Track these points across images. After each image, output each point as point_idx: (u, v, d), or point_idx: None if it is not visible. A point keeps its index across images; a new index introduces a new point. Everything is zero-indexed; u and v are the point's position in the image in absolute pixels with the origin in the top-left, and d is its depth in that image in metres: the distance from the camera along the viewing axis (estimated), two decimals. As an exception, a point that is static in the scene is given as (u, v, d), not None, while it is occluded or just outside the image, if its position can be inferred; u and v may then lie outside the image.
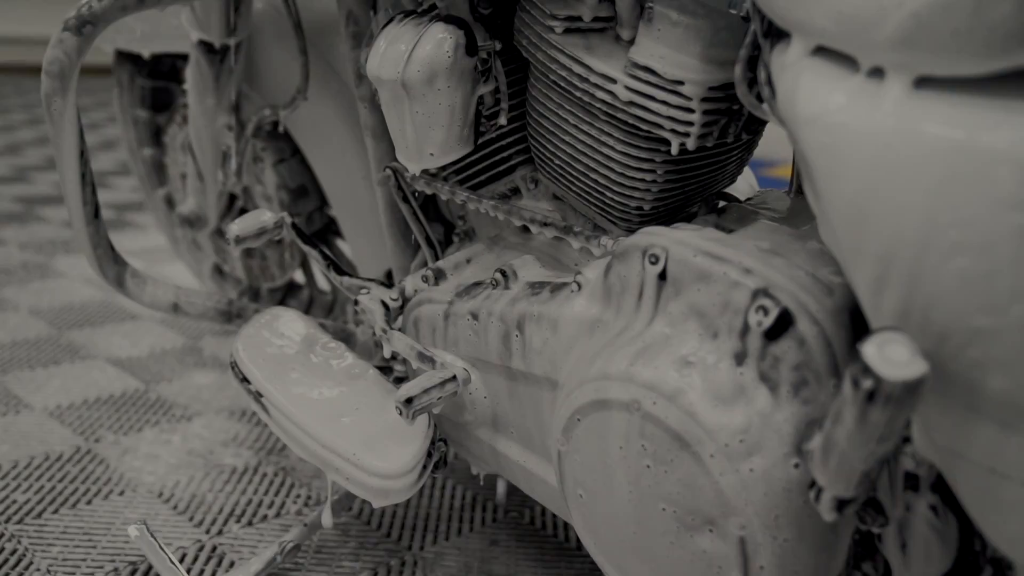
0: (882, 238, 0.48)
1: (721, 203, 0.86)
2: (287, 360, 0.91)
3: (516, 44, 0.82)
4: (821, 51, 0.53)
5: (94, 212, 0.99)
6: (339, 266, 0.95)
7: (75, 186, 0.96)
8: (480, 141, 0.86)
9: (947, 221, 0.46)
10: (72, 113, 0.92)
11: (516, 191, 0.92)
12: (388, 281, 1.21)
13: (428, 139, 0.81)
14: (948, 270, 0.46)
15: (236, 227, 0.93)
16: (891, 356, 0.46)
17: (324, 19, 1.20)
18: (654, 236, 0.66)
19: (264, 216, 0.95)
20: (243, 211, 1.45)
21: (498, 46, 0.83)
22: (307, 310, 1.49)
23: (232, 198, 1.41)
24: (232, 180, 1.30)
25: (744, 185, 0.99)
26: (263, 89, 1.24)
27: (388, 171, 0.95)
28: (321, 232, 1.42)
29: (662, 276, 0.64)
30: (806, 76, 0.53)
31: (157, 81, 1.50)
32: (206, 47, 1.16)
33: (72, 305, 1.76)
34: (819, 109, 0.51)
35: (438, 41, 0.77)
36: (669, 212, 0.82)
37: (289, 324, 0.95)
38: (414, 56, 0.77)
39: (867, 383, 0.46)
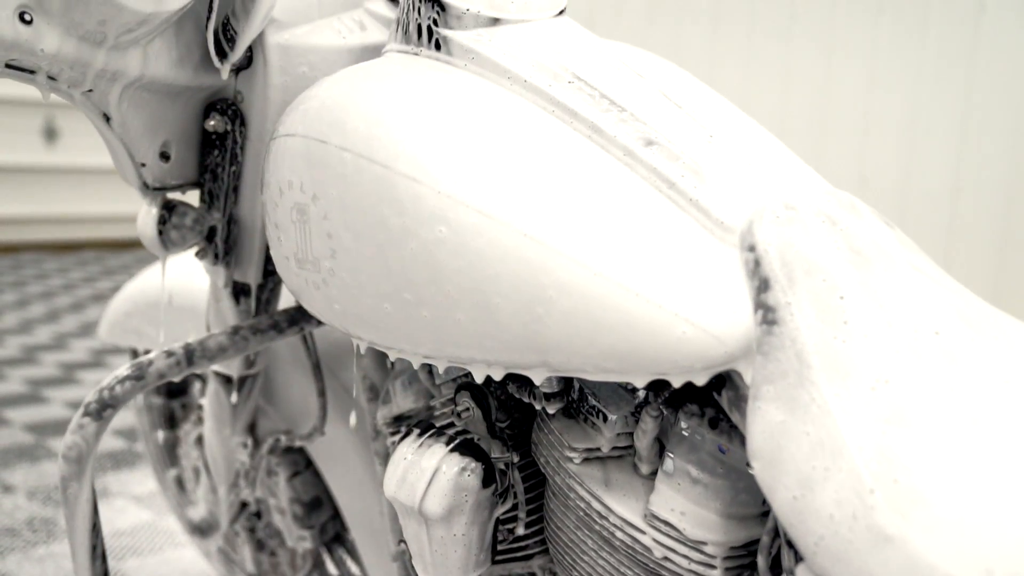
0: None
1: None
2: None
3: (533, 456, 0.82)
4: None
5: (103, 581, 0.97)
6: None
7: (85, 559, 0.95)
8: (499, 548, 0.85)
9: None
10: (88, 493, 0.92)
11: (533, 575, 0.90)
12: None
13: (446, 570, 0.79)
14: None
15: None
16: None
17: (343, 349, 1.21)
18: None
19: None
20: (257, 515, 1.43)
21: (516, 458, 0.82)
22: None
23: (244, 504, 1.39)
24: (245, 492, 1.28)
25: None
26: (280, 408, 1.25)
27: (403, 546, 0.93)
28: (338, 534, 1.40)
29: None
30: None
31: (175, 371, 1.52)
32: (223, 378, 1.17)
33: (76, 578, 1.72)
34: None
35: (454, 479, 0.75)
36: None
37: None
38: (430, 496, 0.75)
39: None
